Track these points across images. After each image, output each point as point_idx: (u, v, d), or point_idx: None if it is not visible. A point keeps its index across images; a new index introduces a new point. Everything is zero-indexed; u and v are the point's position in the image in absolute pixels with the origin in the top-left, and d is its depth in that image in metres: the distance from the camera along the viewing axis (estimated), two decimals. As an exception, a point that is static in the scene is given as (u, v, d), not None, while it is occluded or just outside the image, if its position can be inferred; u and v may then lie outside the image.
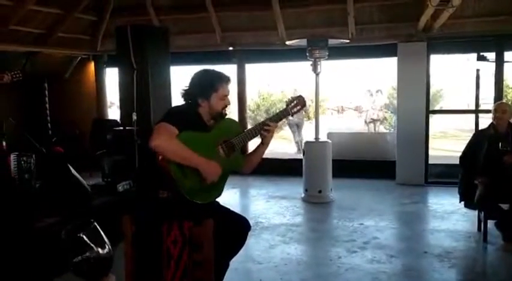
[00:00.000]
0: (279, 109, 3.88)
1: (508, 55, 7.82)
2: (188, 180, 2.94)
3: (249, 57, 9.25)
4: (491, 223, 5.09)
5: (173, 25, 8.53)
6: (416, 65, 7.96)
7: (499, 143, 5.07)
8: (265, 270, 4.50)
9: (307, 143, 7.32)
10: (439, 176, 8.14)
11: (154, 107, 6.44)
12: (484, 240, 5.08)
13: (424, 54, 7.92)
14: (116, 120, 8.44)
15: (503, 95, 8.41)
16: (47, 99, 8.76)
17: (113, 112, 11.39)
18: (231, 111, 3.31)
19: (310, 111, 15.06)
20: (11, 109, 6.86)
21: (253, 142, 3.44)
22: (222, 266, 3.19)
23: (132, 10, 8.94)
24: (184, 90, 3.18)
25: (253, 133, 3.23)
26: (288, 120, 12.23)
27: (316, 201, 7.02)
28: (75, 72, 10.03)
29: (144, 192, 5.59)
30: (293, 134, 12.95)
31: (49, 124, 8.68)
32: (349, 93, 19.95)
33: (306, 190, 7.19)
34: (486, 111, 7.42)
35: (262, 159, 3.40)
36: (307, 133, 11.86)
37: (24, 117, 7.97)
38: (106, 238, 1.37)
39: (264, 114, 17.58)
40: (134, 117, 6.30)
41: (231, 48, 8.97)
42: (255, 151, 3.40)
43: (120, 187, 5.76)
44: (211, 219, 2.66)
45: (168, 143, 2.84)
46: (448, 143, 14.16)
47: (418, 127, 8.03)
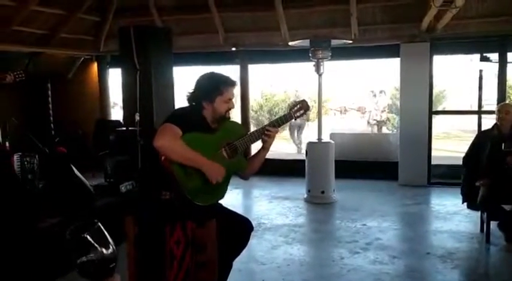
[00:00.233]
0: (281, 109, 3.88)
1: (511, 56, 7.80)
2: (191, 181, 2.94)
3: (252, 57, 9.24)
4: (494, 224, 5.07)
5: (176, 26, 8.54)
6: (419, 65, 7.94)
7: (503, 144, 5.06)
8: (268, 271, 4.50)
9: (310, 143, 7.32)
10: (441, 177, 8.12)
11: (157, 108, 6.46)
12: (487, 241, 5.08)
13: (427, 54, 7.91)
14: (119, 121, 8.45)
15: (507, 96, 8.40)
16: (50, 99, 8.78)
17: (115, 113, 11.40)
18: (234, 111, 3.28)
19: (313, 112, 15.02)
20: (14, 109, 6.86)
21: (256, 145, 3.44)
22: (225, 267, 3.19)
23: (135, 11, 8.96)
24: (190, 93, 3.18)
25: (256, 136, 3.22)
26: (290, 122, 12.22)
27: (319, 202, 7.02)
28: (78, 72, 10.04)
29: (146, 193, 5.59)
30: (291, 135, 12.94)
31: (52, 124, 8.69)
32: (351, 94, 19.91)
33: (308, 191, 7.19)
34: (489, 112, 7.43)
35: (265, 160, 3.39)
36: (309, 134, 11.85)
37: (27, 118, 7.97)
38: (110, 238, 1.37)
39: (266, 115, 17.56)
40: (137, 117, 6.31)
41: (233, 48, 8.96)
42: (255, 155, 3.38)
43: (122, 188, 5.77)
44: (214, 220, 2.66)
45: (171, 144, 2.84)
46: (451, 143, 14.13)
47: (421, 128, 8.02)
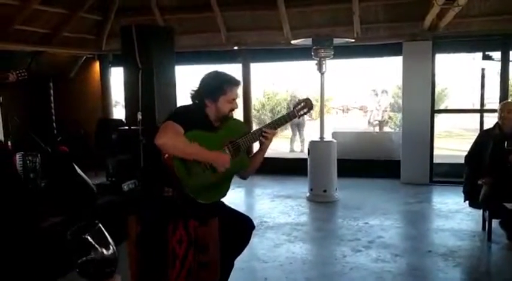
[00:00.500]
0: (284, 108, 3.86)
1: (513, 54, 7.79)
2: (193, 179, 2.94)
3: (254, 56, 9.24)
4: (496, 222, 5.08)
5: (178, 25, 8.55)
6: (421, 64, 7.93)
7: (505, 143, 5.06)
8: (271, 269, 4.50)
9: (312, 142, 7.31)
10: (443, 176, 8.11)
11: (159, 107, 6.47)
12: (489, 239, 5.07)
13: (429, 53, 7.89)
14: (121, 120, 8.44)
15: (509, 95, 8.38)
16: (52, 98, 8.80)
17: (118, 112, 11.40)
18: (236, 110, 3.28)
19: (315, 111, 15.00)
20: (16, 108, 6.86)
21: (258, 144, 3.43)
22: (227, 266, 3.19)
23: (137, 10, 8.96)
24: (194, 91, 3.18)
25: (257, 136, 3.23)
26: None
27: (321, 200, 7.02)
28: (80, 71, 10.05)
29: (149, 191, 5.60)
30: (293, 135, 12.90)
31: (54, 123, 8.71)
32: (354, 93, 19.89)
33: (311, 189, 7.19)
34: (491, 110, 7.41)
35: (268, 159, 3.39)
36: (312, 133, 11.83)
37: (29, 117, 7.99)
38: (111, 239, 1.37)
39: (268, 114, 17.54)
40: (139, 116, 6.31)
41: (236, 47, 8.96)
42: (253, 156, 3.37)
43: (125, 186, 5.77)
44: (217, 218, 2.66)
45: (174, 141, 2.84)
46: (453, 142, 14.11)
47: (423, 126, 8.01)
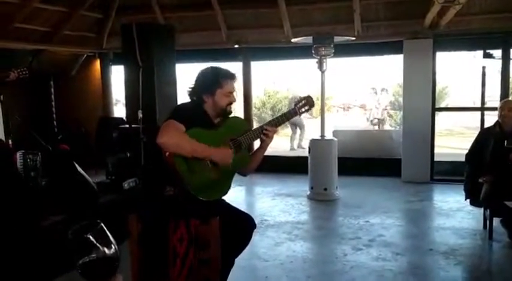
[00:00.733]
0: (284, 106, 3.84)
1: (514, 52, 7.78)
2: (194, 177, 2.94)
3: (254, 54, 9.24)
4: (497, 221, 5.08)
5: (179, 23, 8.54)
6: (422, 62, 7.93)
7: (505, 141, 5.06)
8: (271, 267, 4.51)
9: (313, 140, 7.31)
10: (444, 174, 8.12)
11: (160, 105, 6.47)
12: (490, 238, 5.07)
13: (430, 51, 7.90)
14: (122, 118, 8.44)
15: (510, 93, 8.37)
16: (53, 97, 8.80)
17: (118, 110, 11.40)
18: (237, 109, 3.28)
19: (316, 109, 14.99)
20: (17, 107, 6.87)
21: (258, 141, 3.43)
22: (227, 264, 3.19)
23: (138, 8, 8.96)
24: (191, 88, 3.19)
25: (258, 134, 3.22)
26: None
27: (321, 199, 7.02)
28: (81, 70, 10.05)
29: (150, 190, 5.60)
30: (293, 133, 12.90)
31: (55, 122, 8.71)
32: (354, 91, 19.87)
33: (311, 188, 7.19)
34: (492, 109, 7.39)
35: (269, 157, 3.39)
36: (312, 131, 11.82)
37: (30, 115, 7.99)
38: (112, 238, 1.37)
39: (269, 112, 17.55)
40: (140, 115, 6.31)
41: (236, 45, 8.96)
42: (253, 154, 3.37)
43: (125, 185, 5.77)
44: (218, 217, 2.66)
45: (175, 139, 2.85)
46: (454, 140, 14.10)
47: (423, 125, 8.01)
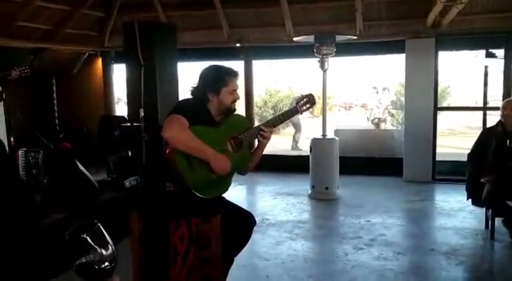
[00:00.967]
0: (286, 105, 3.82)
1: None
2: (194, 174, 2.94)
3: (256, 53, 9.23)
4: (499, 221, 5.07)
5: (180, 21, 8.53)
6: (424, 61, 7.92)
7: (508, 141, 5.05)
8: (272, 266, 4.50)
9: (314, 140, 7.30)
10: (446, 174, 8.10)
11: (161, 103, 6.46)
12: (492, 237, 5.06)
13: (432, 50, 7.88)
14: (124, 117, 8.45)
15: (512, 92, 8.36)
16: (55, 95, 8.79)
17: (120, 108, 11.41)
18: (238, 108, 3.27)
19: (317, 108, 14.99)
20: (19, 105, 6.88)
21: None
22: (227, 263, 3.18)
23: (140, 6, 8.97)
24: (194, 87, 3.18)
25: (256, 133, 3.21)
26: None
27: (323, 198, 7.01)
28: (83, 68, 10.04)
29: (151, 187, 5.60)
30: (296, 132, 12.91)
31: (57, 120, 8.70)
32: (356, 90, 19.87)
33: (312, 187, 7.18)
34: (494, 108, 7.39)
35: (270, 156, 3.38)
36: (314, 130, 11.82)
37: (32, 114, 8.00)
38: (109, 239, 1.37)
39: (271, 111, 17.55)
40: (141, 113, 6.32)
41: (238, 44, 8.95)
42: (252, 153, 3.35)
43: (127, 183, 5.77)
44: (219, 216, 2.66)
45: (180, 134, 2.85)
46: (456, 140, 14.10)
47: (425, 124, 8.00)
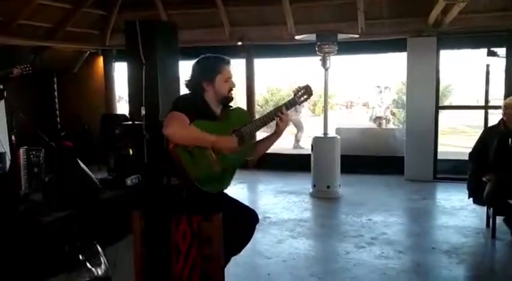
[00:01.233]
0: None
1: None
2: (197, 168, 2.95)
3: (257, 52, 9.23)
4: (500, 219, 5.07)
5: (182, 20, 8.52)
6: (426, 60, 7.91)
7: (509, 139, 5.05)
8: (274, 265, 4.50)
9: (316, 138, 7.30)
10: (447, 172, 8.10)
11: (163, 102, 6.45)
12: (493, 236, 5.06)
13: (433, 49, 7.87)
14: (125, 115, 8.46)
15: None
16: (56, 93, 8.80)
17: (121, 107, 11.42)
18: (240, 106, 3.27)
19: (319, 107, 15.01)
20: (20, 103, 6.87)
21: (259, 134, 3.42)
22: (227, 260, 3.18)
23: (141, 5, 8.95)
24: (188, 80, 3.19)
25: (264, 122, 3.17)
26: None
27: (324, 196, 7.01)
28: (84, 66, 10.05)
29: (153, 185, 5.59)
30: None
31: (58, 118, 8.71)
32: (357, 89, 19.88)
33: (314, 185, 7.18)
34: (496, 107, 7.38)
35: (272, 154, 3.38)
36: (315, 129, 11.81)
37: (33, 112, 7.98)
38: (105, 259, 1.38)
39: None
40: (143, 111, 6.32)
41: (239, 43, 8.94)
42: (266, 138, 3.33)
43: (128, 181, 5.76)
44: (220, 214, 2.66)
45: (180, 130, 2.89)
46: (457, 139, 14.09)
47: (427, 123, 8.00)
